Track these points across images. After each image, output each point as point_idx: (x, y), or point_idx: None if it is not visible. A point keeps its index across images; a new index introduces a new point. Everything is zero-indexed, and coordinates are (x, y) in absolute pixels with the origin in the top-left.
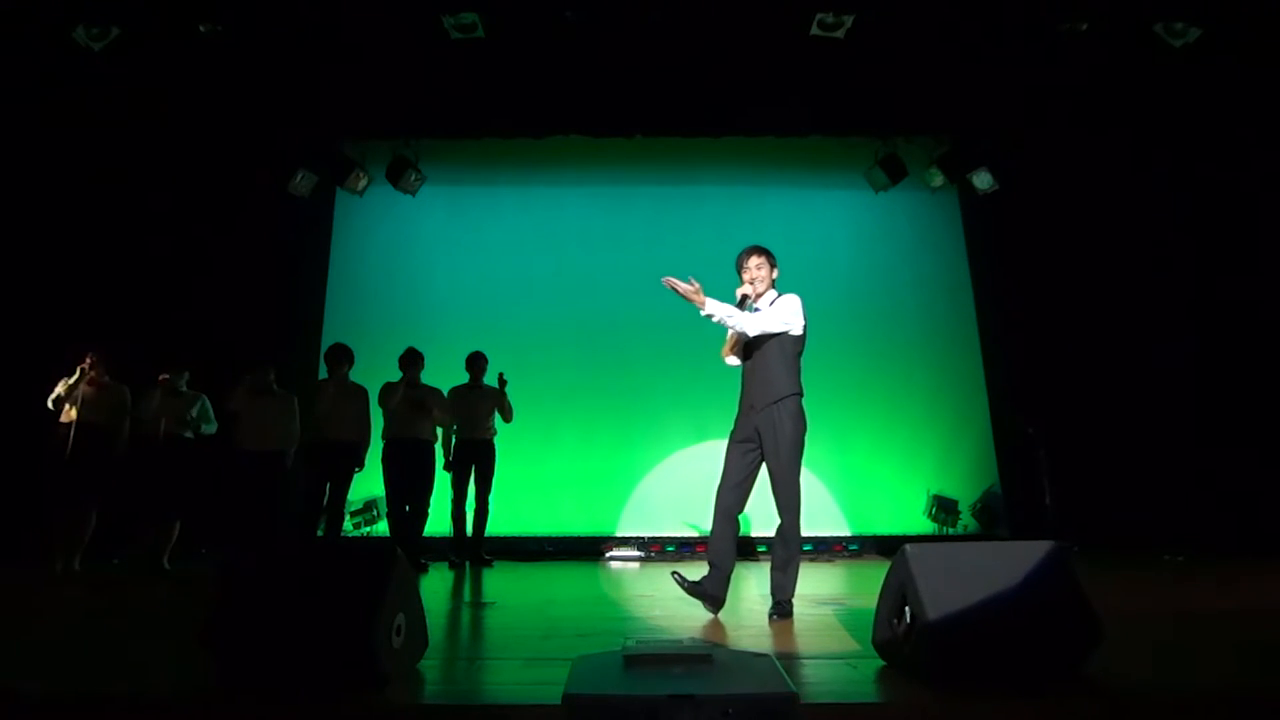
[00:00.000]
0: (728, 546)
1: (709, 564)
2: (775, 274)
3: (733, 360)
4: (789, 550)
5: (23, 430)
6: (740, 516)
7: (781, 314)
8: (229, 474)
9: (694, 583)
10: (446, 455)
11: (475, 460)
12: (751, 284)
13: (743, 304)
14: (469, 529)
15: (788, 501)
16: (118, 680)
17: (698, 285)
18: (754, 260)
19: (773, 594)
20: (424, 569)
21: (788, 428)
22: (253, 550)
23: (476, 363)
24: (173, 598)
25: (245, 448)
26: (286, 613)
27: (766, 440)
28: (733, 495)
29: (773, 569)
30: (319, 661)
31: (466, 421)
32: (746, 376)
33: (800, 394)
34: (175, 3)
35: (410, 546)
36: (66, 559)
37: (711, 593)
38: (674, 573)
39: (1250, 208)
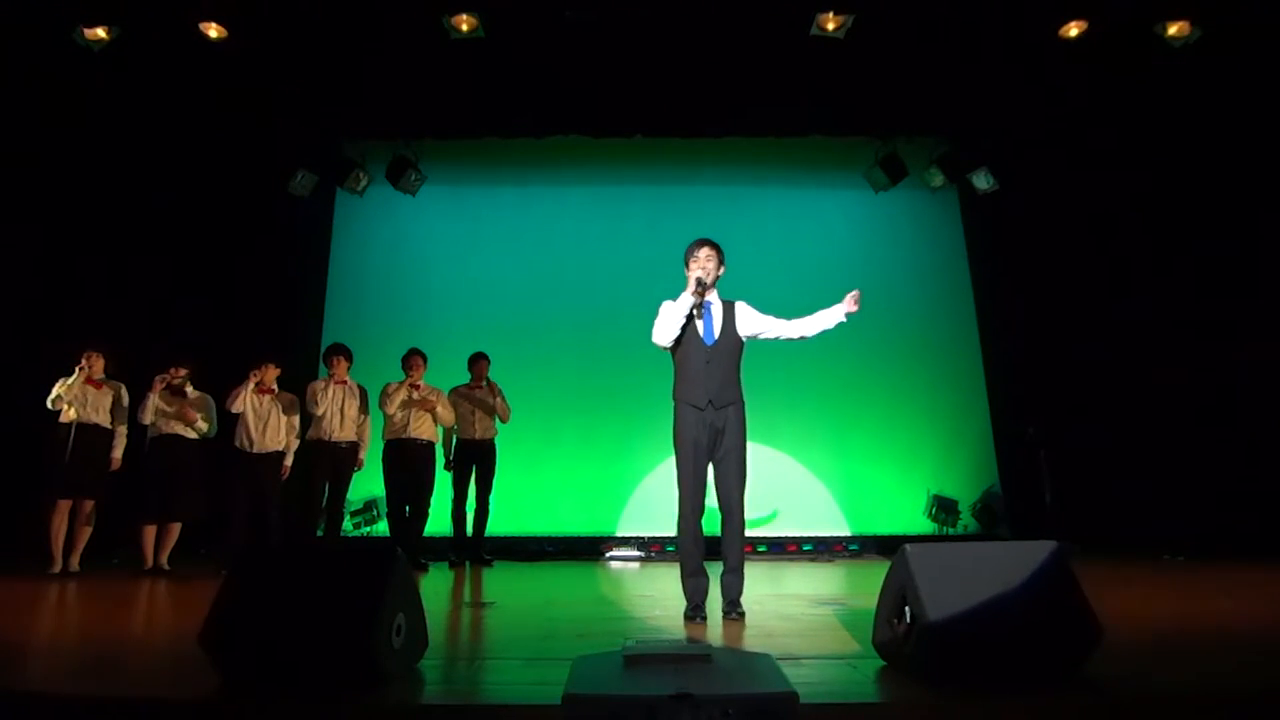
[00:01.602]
0: (703, 552)
1: (699, 572)
2: (722, 271)
3: (668, 342)
4: (741, 547)
5: (22, 430)
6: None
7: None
8: (229, 474)
9: (695, 607)
10: (447, 456)
11: (476, 460)
12: (704, 271)
13: (700, 288)
14: (469, 529)
15: (742, 500)
16: (117, 681)
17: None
18: (704, 251)
19: (734, 594)
20: (424, 569)
21: (743, 427)
22: (253, 550)
23: (478, 363)
24: (173, 598)
25: (245, 448)
26: (286, 613)
27: (728, 438)
28: (703, 497)
29: (731, 570)
30: (319, 661)
31: (467, 422)
32: (704, 367)
33: None
34: (175, 3)
35: (410, 546)
36: (66, 559)
37: (703, 601)
38: (697, 619)
39: (1250, 207)
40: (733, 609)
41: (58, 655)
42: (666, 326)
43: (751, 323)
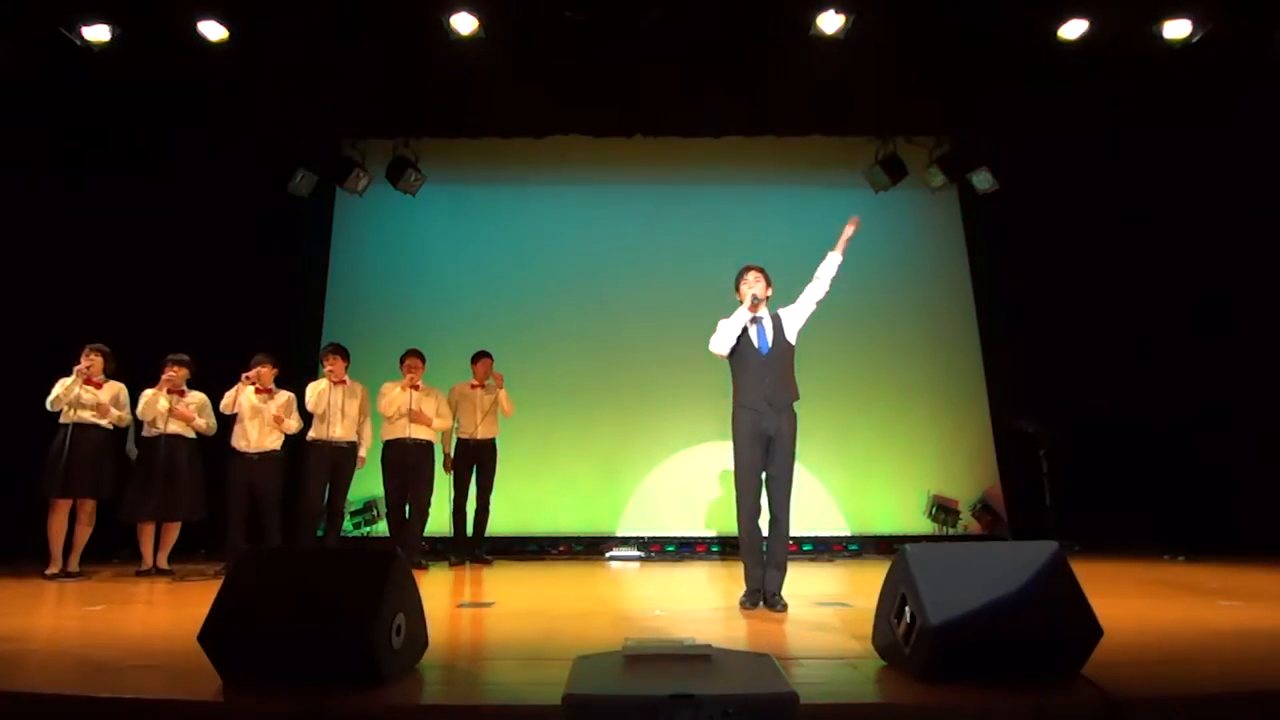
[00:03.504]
0: (761, 542)
1: (757, 564)
2: (770, 292)
3: (725, 350)
4: (786, 546)
5: (22, 430)
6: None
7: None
8: (229, 474)
9: (751, 592)
10: (447, 456)
11: (477, 460)
12: (755, 290)
13: (755, 302)
14: (469, 529)
15: (788, 500)
16: (117, 681)
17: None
18: (752, 274)
19: (775, 588)
20: (424, 569)
21: (794, 429)
22: (253, 550)
23: (480, 362)
24: (172, 598)
25: (245, 448)
26: (286, 613)
27: (781, 440)
28: (759, 492)
29: (773, 566)
30: (319, 662)
31: (469, 421)
32: (761, 374)
33: None
34: (175, 2)
35: (410, 546)
36: (65, 559)
37: (759, 588)
38: (753, 604)
39: (1251, 207)
40: (775, 601)
41: (58, 655)
42: (724, 337)
43: (793, 317)
